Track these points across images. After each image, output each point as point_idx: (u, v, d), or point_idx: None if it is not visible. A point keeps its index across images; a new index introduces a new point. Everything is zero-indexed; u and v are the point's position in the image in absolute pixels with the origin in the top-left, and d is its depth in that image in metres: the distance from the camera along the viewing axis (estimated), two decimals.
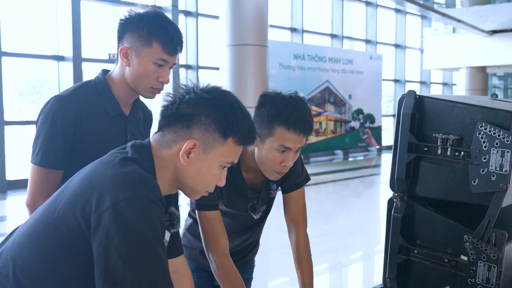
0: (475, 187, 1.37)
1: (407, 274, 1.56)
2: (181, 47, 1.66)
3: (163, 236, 1.09)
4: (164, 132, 1.21)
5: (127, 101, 1.74)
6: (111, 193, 1.04)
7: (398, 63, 16.80)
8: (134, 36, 1.62)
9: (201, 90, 1.22)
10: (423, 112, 1.49)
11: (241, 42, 8.27)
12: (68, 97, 1.64)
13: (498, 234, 1.36)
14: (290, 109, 1.61)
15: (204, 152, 1.19)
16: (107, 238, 1.01)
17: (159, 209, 1.07)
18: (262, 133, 1.64)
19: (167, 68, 1.65)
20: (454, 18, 12.91)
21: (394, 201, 1.54)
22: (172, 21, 1.68)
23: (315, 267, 1.86)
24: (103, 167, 1.13)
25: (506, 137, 1.31)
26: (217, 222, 1.71)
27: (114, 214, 1.01)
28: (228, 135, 1.19)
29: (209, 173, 1.21)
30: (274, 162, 1.65)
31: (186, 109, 1.19)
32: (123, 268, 0.99)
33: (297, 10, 12.92)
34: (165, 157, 1.20)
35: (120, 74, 1.69)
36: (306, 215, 1.88)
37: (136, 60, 1.63)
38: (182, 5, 10.45)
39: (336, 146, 13.30)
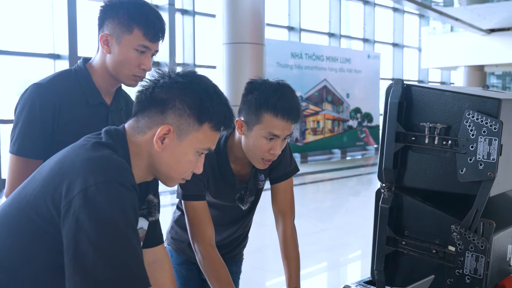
0: (462, 176, 1.35)
1: (395, 265, 1.54)
2: (163, 33, 1.62)
3: (136, 223, 1.06)
4: (138, 117, 1.18)
5: (108, 89, 1.70)
6: (81, 178, 1.01)
7: (396, 62, 16.79)
8: (115, 22, 1.58)
9: (176, 74, 1.19)
10: (410, 101, 1.47)
11: (237, 40, 8.26)
12: (46, 85, 1.60)
13: (486, 224, 1.34)
14: (278, 96, 1.59)
15: (179, 138, 1.16)
16: (77, 224, 0.98)
17: (131, 194, 1.04)
18: (249, 121, 1.62)
19: (148, 55, 1.62)
20: (451, 17, 12.90)
21: (381, 191, 1.52)
22: (153, 8, 1.64)
23: (313, 265, 1.84)
24: (75, 152, 1.10)
25: (494, 125, 1.29)
26: (203, 213, 1.68)
27: (84, 200, 0.99)
28: (204, 120, 1.16)
29: (184, 159, 1.18)
30: (261, 149, 1.63)
31: (161, 94, 1.16)
32: (94, 254, 0.96)
33: (295, 8, 12.90)
34: (139, 143, 1.17)
35: (101, 62, 1.65)
36: (294, 206, 1.86)
37: (117, 47, 1.59)
38: (179, 4, 10.43)
39: (334, 145, 13.27)
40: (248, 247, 2.09)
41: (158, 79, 1.18)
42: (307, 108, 12.31)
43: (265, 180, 1.85)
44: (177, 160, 1.17)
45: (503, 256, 1.44)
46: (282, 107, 1.58)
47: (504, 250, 1.44)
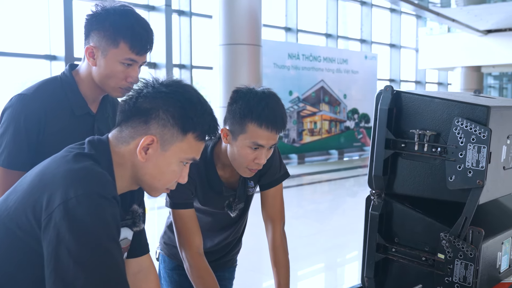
0: (451, 184, 1.34)
1: (385, 272, 1.54)
2: (150, 45, 1.59)
3: (118, 234, 1.05)
4: (122, 127, 1.17)
5: (94, 98, 1.68)
6: (62, 190, 1.00)
7: (393, 62, 16.81)
8: (100, 35, 1.55)
9: (159, 84, 1.17)
10: (400, 107, 1.46)
11: (234, 41, 8.25)
12: (31, 96, 1.58)
13: (475, 231, 1.33)
14: (263, 106, 1.57)
15: (162, 148, 1.15)
16: (57, 237, 0.97)
17: (112, 206, 1.03)
18: (234, 130, 1.61)
19: (136, 67, 1.59)
20: (448, 18, 12.92)
21: (371, 198, 1.51)
22: (140, 18, 1.60)
23: (310, 266, 1.83)
24: (56, 163, 1.09)
25: (483, 133, 1.29)
26: (191, 221, 1.68)
27: (65, 212, 0.98)
28: (188, 130, 1.15)
29: (168, 169, 1.17)
30: (246, 159, 1.62)
31: (144, 104, 1.15)
32: (74, 267, 0.96)
33: (292, 9, 12.90)
34: (123, 153, 1.16)
35: (87, 72, 1.63)
36: (283, 212, 1.85)
37: (103, 60, 1.56)
38: (175, 4, 10.41)
39: (331, 145, 13.27)
40: (243, 250, 2.08)
41: (142, 88, 1.17)
42: (304, 109, 12.31)
43: (255, 187, 1.84)
44: (161, 170, 1.16)
45: (493, 264, 1.44)
46: (267, 117, 1.57)
47: (493, 258, 1.44)
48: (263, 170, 1.78)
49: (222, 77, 8.35)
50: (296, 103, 12.07)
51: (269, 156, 1.66)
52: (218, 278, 1.93)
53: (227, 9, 8.16)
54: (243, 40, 8.27)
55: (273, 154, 1.79)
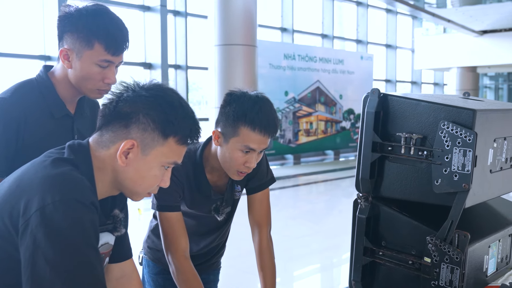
0: (437, 187, 1.34)
1: (372, 276, 1.53)
2: (126, 45, 1.56)
3: (96, 240, 1.05)
4: (102, 131, 1.16)
5: (72, 99, 1.65)
6: (39, 196, 1.00)
7: (389, 63, 16.83)
8: (74, 37, 1.51)
9: (140, 87, 1.16)
10: (387, 110, 1.46)
11: (229, 42, 8.25)
12: (9, 100, 1.54)
13: (461, 235, 1.33)
14: (256, 110, 1.58)
15: (143, 153, 1.14)
16: (34, 243, 0.96)
17: (90, 212, 1.02)
18: (226, 133, 1.61)
19: (112, 68, 1.57)
20: (444, 18, 12.94)
21: (358, 202, 1.51)
22: (115, 17, 1.56)
23: (307, 266, 1.83)
24: (34, 168, 1.08)
25: (468, 136, 1.28)
26: (177, 224, 1.67)
27: (42, 218, 0.97)
28: (168, 134, 1.14)
29: (149, 174, 1.16)
30: (237, 162, 1.62)
31: (124, 108, 1.14)
32: (51, 274, 0.95)
33: (288, 10, 12.90)
34: (103, 157, 1.15)
35: (63, 74, 1.59)
36: (270, 217, 1.85)
37: (78, 62, 1.53)
38: (171, 5, 10.40)
39: (327, 146, 13.28)
40: (236, 251, 2.08)
41: (122, 92, 1.16)
42: (300, 109, 12.31)
43: (241, 191, 1.84)
44: (142, 175, 1.15)
45: (479, 267, 1.43)
46: (260, 121, 1.57)
47: (480, 261, 1.43)
48: (251, 174, 1.78)
49: (217, 77, 8.35)
50: (292, 104, 12.07)
51: (259, 160, 1.66)
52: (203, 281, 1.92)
53: (223, 10, 8.15)
54: (239, 40, 8.27)
55: (261, 159, 1.79)
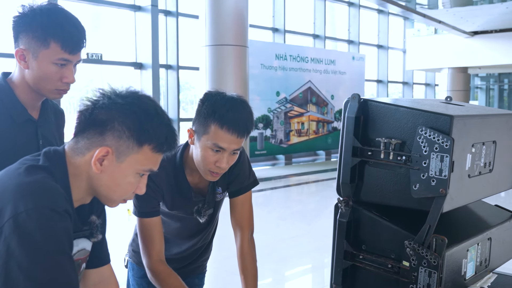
0: (416, 192, 1.35)
1: (353, 279, 1.54)
2: (83, 43, 1.54)
3: (70, 247, 1.05)
4: (78, 138, 1.17)
5: (34, 104, 1.62)
6: (12, 204, 1.00)
7: (380, 63, 16.89)
8: (29, 37, 1.49)
9: (116, 95, 1.17)
10: (367, 115, 1.47)
11: (220, 42, 8.25)
12: None
13: (438, 239, 1.34)
14: (227, 108, 1.59)
15: (118, 160, 1.14)
16: (7, 251, 0.97)
17: (63, 220, 1.03)
18: (198, 131, 1.62)
19: (70, 67, 1.54)
20: (435, 19, 13.00)
21: (339, 206, 1.52)
22: (70, 16, 1.54)
23: (298, 266, 1.83)
24: (8, 176, 1.09)
25: (445, 142, 1.30)
26: (154, 229, 1.68)
27: (15, 226, 0.98)
28: (143, 142, 1.15)
29: (124, 181, 1.17)
30: (208, 161, 1.62)
31: (100, 115, 1.14)
32: (25, 282, 0.95)
33: (279, 10, 12.92)
34: (78, 164, 1.16)
35: (21, 77, 1.56)
36: (252, 220, 1.85)
37: (35, 62, 1.50)
38: (162, 4, 10.38)
39: (319, 146, 13.32)
40: (223, 252, 2.08)
41: (98, 99, 1.16)
42: (292, 109, 12.33)
43: (223, 193, 1.84)
44: (117, 182, 1.16)
45: (457, 271, 1.45)
46: (228, 119, 1.58)
47: (458, 265, 1.45)
48: (232, 177, 1.79)
49: (208, 78, 8.34)
50: (284, 104, 12.09)
51: (232, 162, 1.66)
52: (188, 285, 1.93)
53: (214, 10, 8.15)
54: (230, 41, 8.27)
55: (242, 162, 1.80)
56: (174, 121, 10.20)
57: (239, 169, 1.78)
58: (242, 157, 1.82)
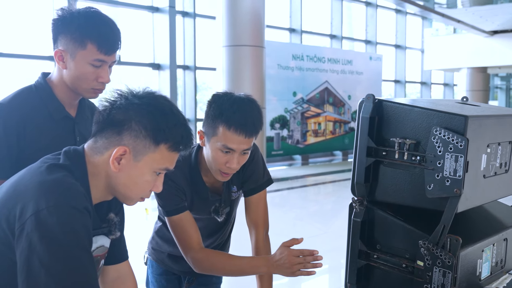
0: (430, 192, 1.36)
1: (367, 279, 1.55)
2: (118, 45, 1.61)
3: (90, 244, 1.08)
4: (96, 138, 1.20)
5: (71, 102, 1.70)
6: (34, 201, 1.03)
7: (398, 63, 16.76)
8: (67, 38, 1.57)
9: (133, 95, 1.20)
10: (381, 116, 1.48)
11: (237, 43, 8.29)
12: (7, 105, 1.60)
13: (453, 239, 1.35)
14: (234, 109, 1.60)
15: (135, 159, 1.17)
16: (29, 247, 1.00)
17: (83, 216, 1.06)
18: (208, 132, 1.64)
19: (106, 67, 1.61)
20: (454, 19, 12.87)
21: (353, 205, 1.53)
22: (107, 18, 1.61)
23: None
24: (30, 174, 1.12)
25: (460, 142, 1.30)
26: (187, 223, 1.70)
27: (36, 223, 1.01)
28: (160, 141, 1.17)
29: (141, 180, 1.19)
30: (218, 162, 1.64)
31: (117, 115, 1.17)
32: (46, 277, 0.99)
33: (296, 10, 12.91)
34: (97, 163, 1.19)
35: (59, 76, 1.65)
36: (267, 218, 1.86)
37: (72, 62, 1.58)
38: (179, 6, 10.45)
39: (335, 147, 13.27)
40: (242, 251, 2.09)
41: (116, 100, 1.20)
42: (308, 110, 12.31)
43: (238, 191, 1.86)
44: (134, 180, 1.19)
45: (472, 272, 1.45)
46: (235, 120, 1.59)
47: (473, 265, 1.45)
48: (246, 176, 1.80)
49: (225, 78, 8.38)
50: (300, 104, 12.08)
51: (243, 161, 1.67)
52: (205, 282, 1.96)
53: (231, 11, 8.19)
54: (246, 41, 8.30)
55: (256, 160, 1.81)
56: (191, 121, 10.28)
57: (253, 168, 1.80)
58: (256, 156, 1.83)
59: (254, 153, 1.82)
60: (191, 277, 1.95)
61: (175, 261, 1.92)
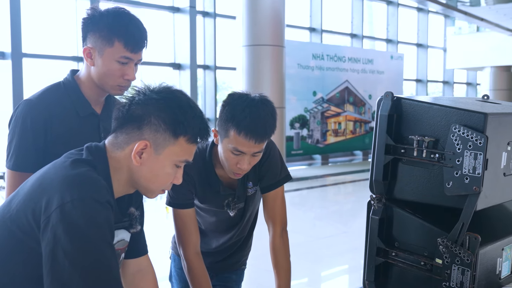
0: (449, 190, 1.35)
1: (386, 276, 1.55)
2: (145, 43, 1.65)
3: (112, 237, 1.11)
4: (117, 133, 1.23)
5: (97, 99, 1.74)
6: (59, 194, 1.07)
7: (420, 62, 16.58)
8: (96, 36, 1.62)
9: (150, 91, 1.23)
10: (400, 113, 1.48)
11: (257, 42, 8.30)
12: (36, 101, 1.65)
13: (472, 237, 1.34)
14: (245, 114, 1.60)
15: (156, 152, 1.20)
16: (54, 238, 1.03)
17: (106, 210, 1.09)
18: (221, 133, 1.66)
19: (132, 65, 1.65)
20: (477, 17, 12.68)
21: (372, 203, 1.53)
22: (134, 18, 1.66)
23: (334, 267, 1.83)
24: (55, 169, 1.16)
25: (479, 139, 1.29)
26: (190, 220, 1.73)
27: (61, 215, 1.04)
28: (179, 134, 1.20)
29: (162, 172, 1.22)
30: (230, 162, 1.67)
31: (137, 110, 1.21)
32: (70, 267, 1.02)
33: (316, 10, 12.87)
34: (118, 158, 1.22)
35: (87, 73, 1.69)
36: (284, 215, 1.87)
37: (100, 59, 1.63)
38: (200, 6, 10.52)
39: (356, 146, 13.20)
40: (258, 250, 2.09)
41: (134, 96, 1.23)
42: (328, 109, 12.27)
43: (254, 187, 1.87)
44: (155, 173, 1.22)
45: (492, 270, 1.44)
46: (246, 126, 1.59)
47: (493, 264, 1.44)
48: (262, 173, 1.82)
49: (245, 78, 8.41)
50: (320, 104, 12.05)
51: (254, 162, 1.69)
52: (225, 280, 1.97)
53: (251, 10, 8.21)
54: (266, 41, 8.31)
55: (272, 156, 1.82)
56: (211, 120, 10.32)
57: (269, 164, 1.81)
58: (273, 152, 1.84)
59: (270, 149, 1.83)
60: (211, 272, 1.97)
61: None
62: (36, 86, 8.27)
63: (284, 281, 1.77)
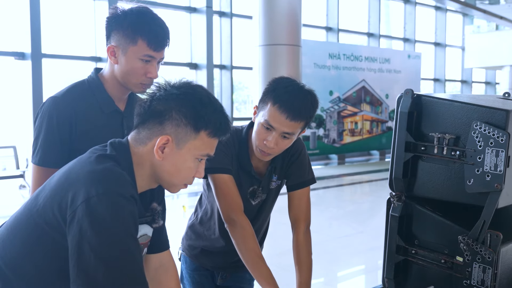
0: (470, 187, 1.35)
1: (405, 274, 1.55)
2: (167, 42, 1.68)
3: (136, 231, 1.13)
4: (139, 129, 1.25)
5: (120, 97, 1.77)
6: (84, 189, 1.09)
7: (437, 61, 16.42)
8: (120, 34, 1.65)
9: (171, 86, 1.25)
10: (420, 111, 1.47)
11: (274, 42, 8.29)
12: (61, 98, 1.69)
13: (493, 235, 1.33)
14: (287, 90, 1.64)
15: (177, 147, 1.22)
16: (80, 232, 1.05)
17: (130, 204, 1.11)
18: (260, 107, 1.70)
19: (154, 63, 1.67)
20: (496, 15, 12.53)
21: (391, 200, 1.53)
22: (157, 17, 1.68)
23: (351, 267, 1.84)
24: (80, 164, 1.18)
25: (501, 137, 1.29)
26: (233, 186, 1.74)
27: (87, 209, 1.06)
28: (200, 128, 1.22)
29: (184, 166, 1.24)
30: (258, 137, 1.69)
31: (158, 106, 1.22)
32: (95, 260, 1.04)
33: (333, 9, 12.83)
34: (141, 153, 1.24)
35: (110, 71, 1.72)
36: (309, 213, 1.88)
37: (123, 57, 1.65)
38: (216, 6, 10.56)
39: (373, 146, 13.12)
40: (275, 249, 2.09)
41: (155, 92, 1.25)
42: (345, 109, 12.22)
43: (278, 181, 1.89)
44: (178, 167, 1.23)
45: None
46: (283, 99, 1.62)
47: None
48: (291, 170, 1.84)
49: (261, 77, 8.41)
50: (337, 103, 12.01)
51: (282, 146, 1.70)
52: (238, 280, 1.98)
53: (267, 10, 8.20)
54: (283, 40, 8.30)
55: (303, 156, 1.87)
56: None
57: (299, 163, 1.84)
58: (303, 153, 1.87)
59: (301, 149, 1.87)
60: (224, 273, 1.98)
61: (208, 256, 1.95)
62: (55, 86, 8.35)
63: (306, 277, 1.78)
